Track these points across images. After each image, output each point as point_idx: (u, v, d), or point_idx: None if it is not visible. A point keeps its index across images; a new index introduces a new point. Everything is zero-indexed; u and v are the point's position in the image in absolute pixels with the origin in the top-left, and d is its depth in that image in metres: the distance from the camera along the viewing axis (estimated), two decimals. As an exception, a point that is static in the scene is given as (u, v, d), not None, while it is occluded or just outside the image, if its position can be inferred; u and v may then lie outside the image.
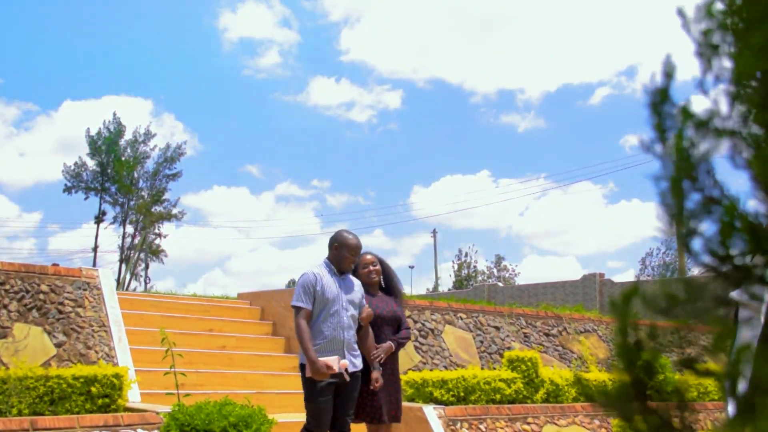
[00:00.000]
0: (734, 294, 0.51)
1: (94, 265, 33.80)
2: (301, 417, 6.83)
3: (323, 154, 59.92)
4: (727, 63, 0.54)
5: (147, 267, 39.34)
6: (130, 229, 38.73)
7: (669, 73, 0.54)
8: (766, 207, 0.45)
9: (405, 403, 5.75)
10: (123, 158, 37.65)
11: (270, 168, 58.28)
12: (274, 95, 57.82)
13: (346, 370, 4.38)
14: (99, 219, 38.25)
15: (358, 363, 4.53)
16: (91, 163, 37.95)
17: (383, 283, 5.02)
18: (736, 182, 0.53)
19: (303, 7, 57.04)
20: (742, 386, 0.46)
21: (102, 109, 54.08)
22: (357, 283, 4.68)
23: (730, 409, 0.47)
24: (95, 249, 38.11)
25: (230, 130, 56.16)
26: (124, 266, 37.34)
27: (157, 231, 39.38)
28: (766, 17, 0.50)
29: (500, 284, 29.86)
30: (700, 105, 0.57)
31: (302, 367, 4.41)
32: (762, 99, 0.54)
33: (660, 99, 0.53)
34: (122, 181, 37.39)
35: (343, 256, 4.52)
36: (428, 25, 56.66)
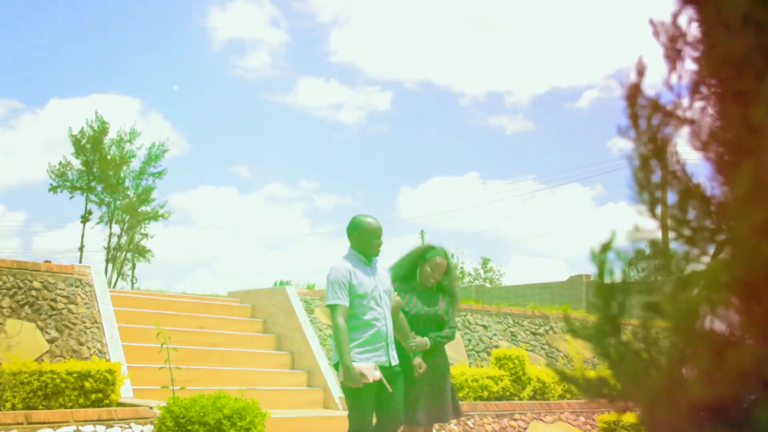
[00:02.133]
0: None
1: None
2: (292, 413, 6.94)
3: (312, 155, 59.88)
4: (689, 64, 0.65)
5: (134, 267, 39.26)
6: (116, 228, 38.60)
7: (640, 71, 0.65)
8: (716, 180, 0.56)
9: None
10: (108, 157, 37.51)
11: (258, 168, 58.16)
12: (262, 95, 57.76)
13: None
14: (85, 218, 38.07)
15: (395, 356, 4.31)
16: (76, 162, 37.79)
17: (438, 285, 4.80)
18: (694, 161, 0.64)
19: (292, 7, 57.04)
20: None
21: (89, 107, 53.63)
22: (384, 268, 4.50)
23: None
24: (81, 249, 37.95)
25: (218, 130, 56.01)
26: (110, 266, 37.21)
27: (143, 231, 39.28)
28: (724, 25, 0.61)
29: (487, 285, 30.03)
30: (667, 98, 0.68)
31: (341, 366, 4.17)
32: (719, 95, 0.66)
33: (633, 92, 0.64)
34: (108, 180, 37.25)
35: (369, 241, 4.30)
36: (417, 26, 56.85)
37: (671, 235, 0.58)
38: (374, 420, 4.27)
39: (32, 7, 48.63)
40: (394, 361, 4.24)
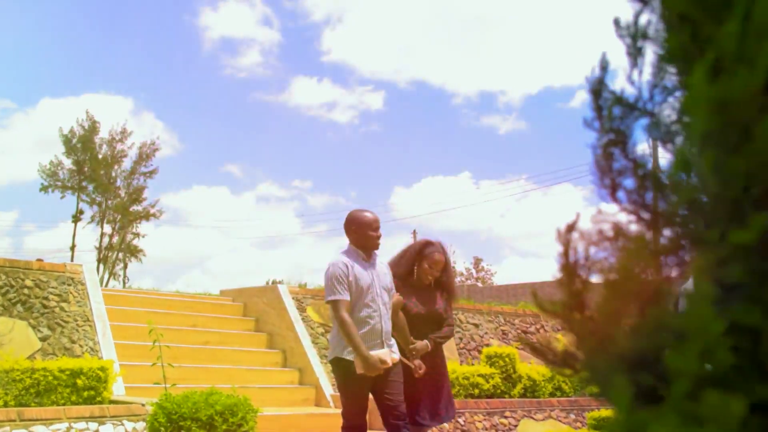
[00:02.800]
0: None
1: (72, 264, 33.35)
2: (284, 411, 6.97)
3: (304, 155, 59.86)
4: (648, 62, 0.70)
5: (125, 267, 39.16)
6: (107, 228, 38.50)
7: (604, 66, 0.70)
8: (668, 166, 0.62)
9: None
10: (100, 156, 37.40)
11: (251, 168, 58.10)
12: (255, 95, 57.69)
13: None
14: (76, 218, 37.95)
15: (396, 350, 4.25)
16: (67, 162, 37.66)
17: (435, 281, 4.70)
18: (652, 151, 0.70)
19: (284, 6, 57.01)
20: None
21: (81, 107, 53.62)
22: (385, 265, 4.41)
23: None
24: (73, 248, 37.81)
25: (211, 130, 55.94)
26: (102, 266, 37.10)
27: (135, 231, 39.18)
28: (681, 23, 0.66)
29: (479, 285, 30.14)
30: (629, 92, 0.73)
31: (337, 361, 4.10)
32: (673, 88, 0.71)
33: (597, 86, 0.70)
34: (99, 179, 37.15)
35: (367, 235, 4.21)
36: (410, 26, 56.98)
37: (630, 217, 0.63)
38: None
39: (23, 7, 48.40)
40: (394, 356, 4.17)
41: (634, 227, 0.60)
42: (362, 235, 4.21)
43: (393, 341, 4.27)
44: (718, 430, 0.42)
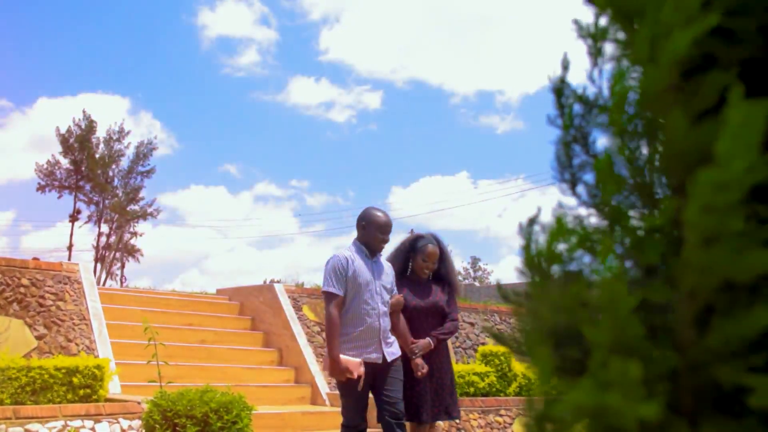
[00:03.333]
0: None
1: (70, 263, 33.33)
2: (279, 409, 7.00)
3: (302, 154, 60.00)
4: (608, 61, 0.73)
5: (123, 266, 39.18)
6: (105, 228, 38.50)
7: (565, 65, 0.73)
8: (625, 163, 0.65)
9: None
10: (97, 156, 37.41)
11: (248, 167, 58.21)
12: (253, 94, 57.76)
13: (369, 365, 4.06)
14: (73, 218, 37.95)
15: (396, 349, 4.19)
16: (64, 162, 37.67)
17: (434, 274, 4.61)
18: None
19: (282, 5, 57.08)
20: None
21: (78, 106, 53.73)
22: (388, 265, 4.35)
23: None
24: (70, 248, 37.80)
25: (208, 129, 56.03)
26: (99, 265, 37.10)
27: (132, 230, 39.20)
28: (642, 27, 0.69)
29: (477, 284, 30.20)
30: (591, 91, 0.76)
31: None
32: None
33: (559, 85, 0.72)
34: (97, 179, 37.15)
35: (374, 235, 4.15)
36: (408, 25, 57.06)
37: (590, 211, 0.66)
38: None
39: (20, 6, 48.36)
40: (392, 355, 4.11)
41: (594, 220, 0.63)
42: (370, 234, 4.16)
43: (392, 338, 4.21)
44: (622, 393, 0.45)
